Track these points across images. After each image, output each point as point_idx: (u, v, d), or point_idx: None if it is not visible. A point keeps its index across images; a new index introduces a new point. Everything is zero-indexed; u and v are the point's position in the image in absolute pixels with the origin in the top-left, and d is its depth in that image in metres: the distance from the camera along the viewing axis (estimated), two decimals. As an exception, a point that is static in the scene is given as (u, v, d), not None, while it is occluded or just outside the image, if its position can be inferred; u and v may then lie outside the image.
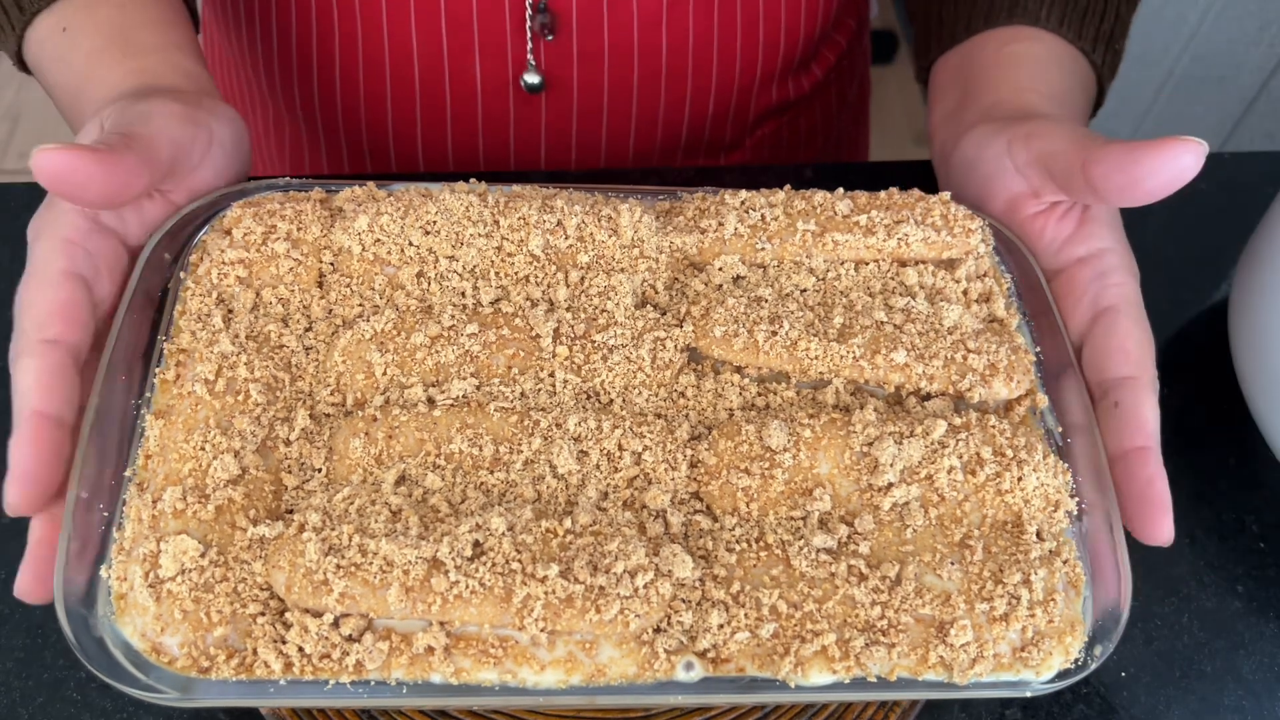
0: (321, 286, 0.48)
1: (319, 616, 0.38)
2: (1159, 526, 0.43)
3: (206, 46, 0.83)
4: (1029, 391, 0.46)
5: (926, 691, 0.39)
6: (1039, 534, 0.42)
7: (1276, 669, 0.51)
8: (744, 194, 0.51)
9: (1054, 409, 0.46)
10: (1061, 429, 0.46)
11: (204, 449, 0.41)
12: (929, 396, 0.46)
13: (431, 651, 0.38)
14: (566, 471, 0.42)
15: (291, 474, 0.43)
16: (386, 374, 0.45)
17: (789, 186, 0.51)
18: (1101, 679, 0.51)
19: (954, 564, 0.41)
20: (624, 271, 0.48)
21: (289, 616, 0.38)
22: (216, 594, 0.38)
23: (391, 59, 0.70)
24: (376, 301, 0.47)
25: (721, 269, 0.49)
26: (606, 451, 0.43)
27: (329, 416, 0.44)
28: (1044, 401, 0.46)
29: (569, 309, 0.47)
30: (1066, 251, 0.50)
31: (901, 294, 0.48)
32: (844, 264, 0.49)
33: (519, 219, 0.48)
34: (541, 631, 0.38)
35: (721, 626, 0.39)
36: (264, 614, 0.39)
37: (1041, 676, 0.39)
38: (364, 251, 0.47)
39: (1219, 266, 0.68)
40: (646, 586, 0.39)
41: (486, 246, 0.48)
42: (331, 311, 0.47)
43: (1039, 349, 0.48)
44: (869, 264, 0.49)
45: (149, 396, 0.44)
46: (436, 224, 0.47)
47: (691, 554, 0.41)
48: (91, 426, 0.42)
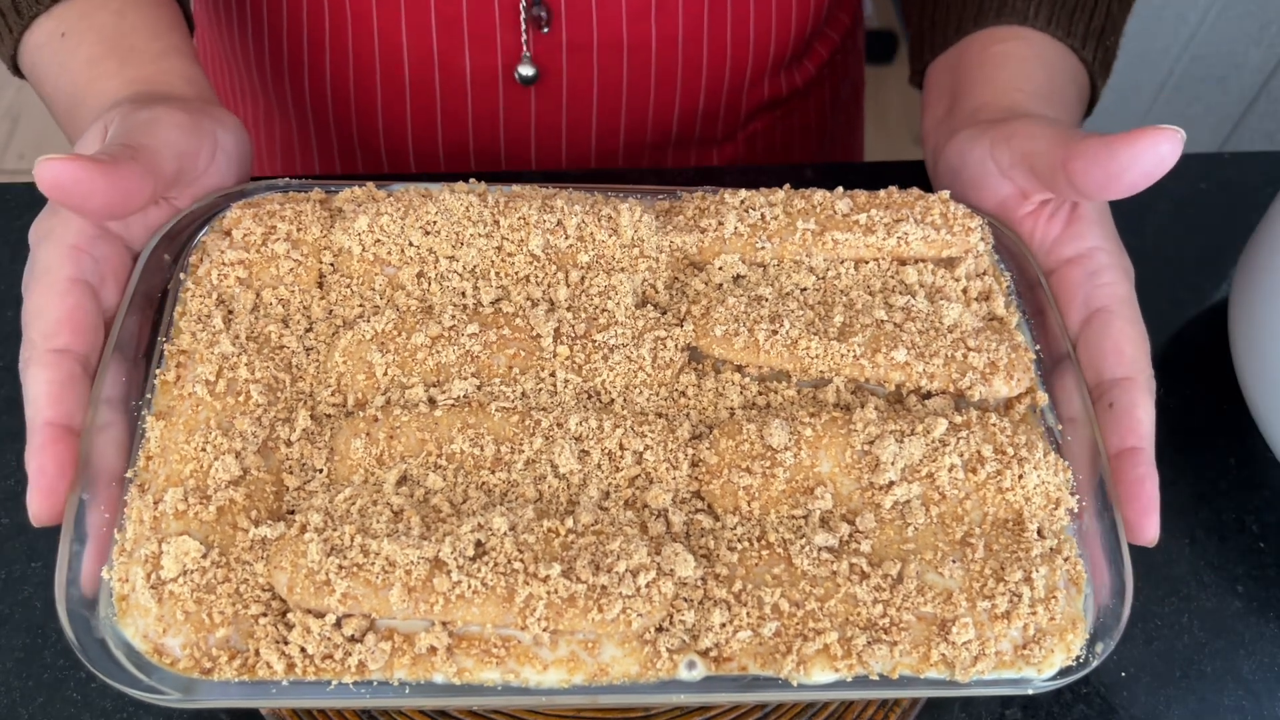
0: (322, 287, 0.48)
1: (321, 617, 0.38)
2: (1146, 527, 0.43)
3: (196, 42, 0.82)
4: (1029, 389, 0.46)
5: (928, 689, 0.39)
6: (1040, 531, 0.42)
7: (1276, 669, 0.51)
8: (744, 193, 0.51)
9: (1054, 406, 0.46)
10: (1061, 426, 0.46)
11: (205, 450, 0.41)
12: (929, 395, 0.46)
13: (434, 651, 0.38)
14: (568, 471, 0.42)
15: (293, 474, 0.43)
16: (387, 374, 0.45)
17: (789, 186, 0.51)
18: (1101, 679, 0.51)
19: (955, 562, 0.41)
20: (624, 271, 0.48)
21: (291, 617, 0.38)
22: (218, 595, 0.38)
23: (381, 52, 0.70)
24: (377, 302, 0.47)
25: (722, 268, 0.49)
26: (608, 451, 0.43)
27: (330, 417, 0.44)
28: (1044, 399, 0.46)
29: (569, 309, 0.47)
30: (1056, 252, 0.50)
31: (901, 292, 0.48)
32: (844, 263, 0.49)
33: (519, 219, 0.48)
34: (544, 631, 0.38)
35: (724, 625, 0.39)
36: (266, 615, 0.39)
37: (1043, 674, 0.39)
38: (364, 252, 0.48)
39: (1219, 266, 0.68)
40: (648, 586, 0.39)
41: (487, 246, 0.48)
42: (332, 312, 0.47)
43: (1038, 347, 0.48)
44: (869, 263, 0.49)
45: (149, 398, 0.44)
46: (436, 224, 0.47)
47: (693, 553, 0.41)
48: (93, 429, 0.42)
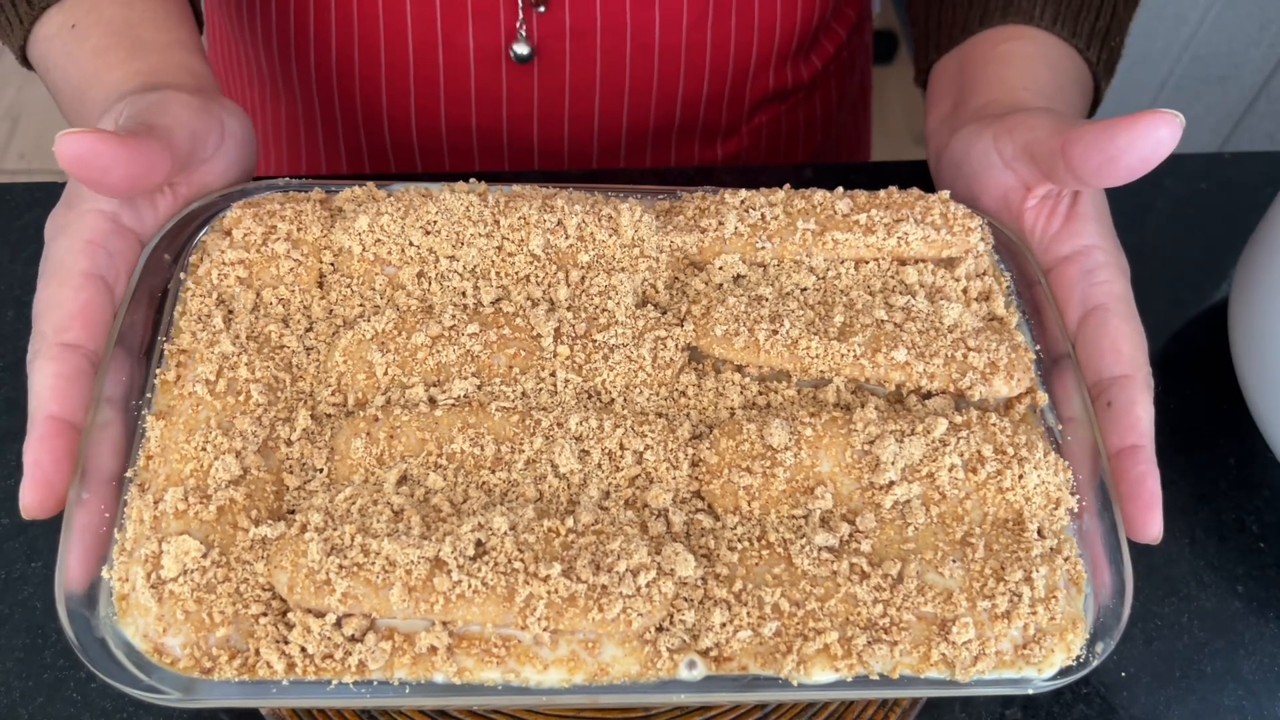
0: (322, 287, 0.48)
1: (321, 617, 0.38)
2: (1148, 524, 0.43)
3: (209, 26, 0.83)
4: (1029, 389, 0.46)
5: (929, 689, 0.39)
6: (1040, 531, 0.42)
7: (1276, 669, 0.51)
8: (744, 193, 0.51)
9: (1053, 406, 0.46)
10: (1061, 426, 0.46)
11: (205, 449, 0.41)
12: (930, 395, 0.46)
13: (434, 651, 0.38)
14: (568, 471, 0.42)
15: (293, 474, 0.43)
16: (387, 374, 0.45)
17: (789, 185, 0.51)
18: (1101, 679, 0.51)
19: (955, 562, 0.41)
20: (624, 271, 0.48)
21: (291, 617, 0.38)
22: (219, 594, 0.38)
23: (385, 29, 0.70)
24: (377, 301, 0.47)
25: (722, 268, 0.49)
26: (608, 451, 0.43)
27: (330, 417, 0.44)
28: (1044, 399, 0.46)
29: (570, 308, 0.47)
30: (1054, 249, 0.50)
31: (901, 292, 0.48)
32: (844, 263, 0.49)
33: (519, 219, 0.48)
34: (544, 631, 0.38)
35: (724, 625, 0.39)
36: (266, 614, 0.39)
37: (1043, 674, 0.39)
38: (364, 251, 0.47)
39: (1219, 266, 0.68)
40: (649, 585, 0.39)
41: (487, 246, 0.48)
42: (332, 312, 0.47)
43: (1038, 346, 0.48)
44: (869, 263, 0.49)
45: (150, 397, 0.44)
46: (437, 224, 0.47)
47: (693, 553, 0.41)
48: (93, 428, 0.42)
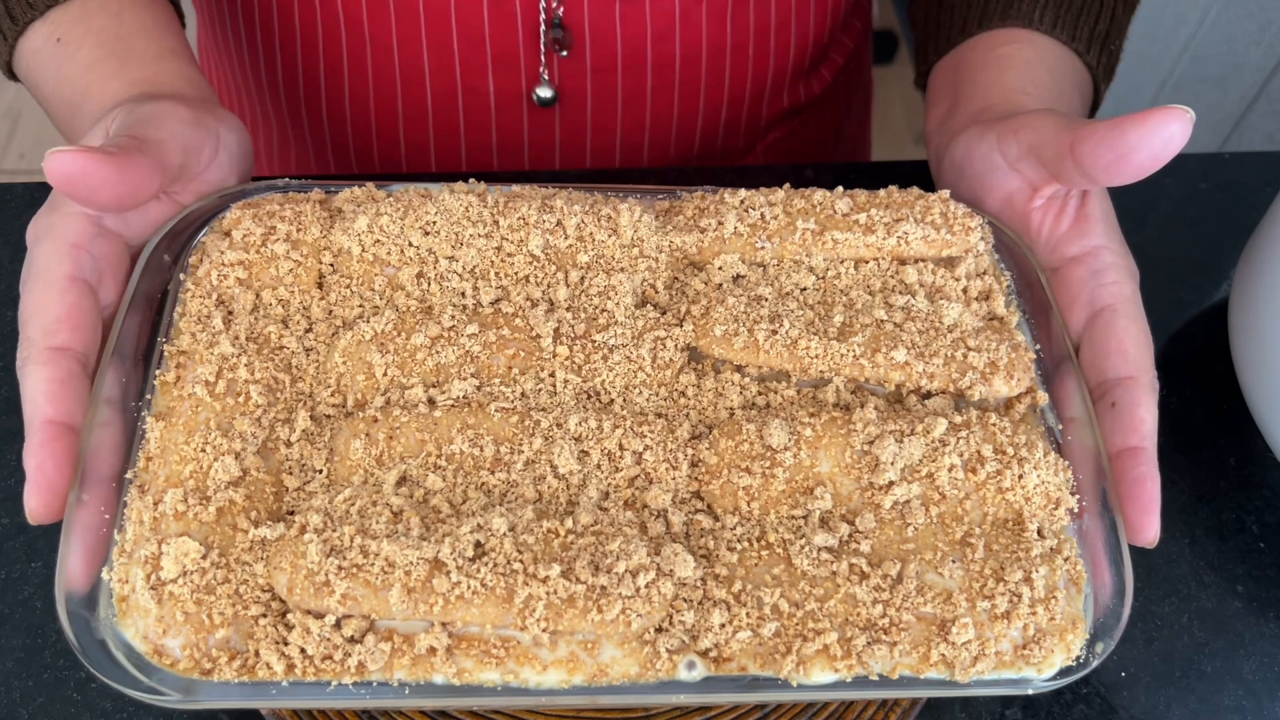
0: (321, 287, 0.48)
1: (321, 618, 0.38)
2: (1146, 527, 0.42)
3: (204, 67, 0.82)
4: (1029, 389, 0.46)
5: (928, 690, 0.39)
6: (1040, 531, 0.42)
7: (1276, 669, 0.51)
8: (743, 193, 0.51)
9: (1053, 405, 0.46)
10: (1061, 426, 0.46)
11: (205, 451, 0.41)
12: (929, 395, 0.46)
13: (433, 652, 0.38)
14: (567, 471, 0.42)
15: (292, 475, 0.43)
16: (387, 375, 0.45)
17: (788, 185, 0.51)
18: (1101, 679, 0.51)
19: (955, 562, 0.41)
20: (624, 271, 0.48)
21: (291, 618, 0.38)
22: (218, 596, 0.38)
23: (402, 75, 0.70)
24: (376, 302, 0.47)
25: (721, 268, 0.49)
26: (607, 451, 0.43)
27: (329, 418, 0.44)
28: (1044, 399, 0.46)
29: (569, 309, 0.47)
30: (1061, 250, 0.50)
31: (901, 292, 0.48)
32: (844, 262, 0.49)
33: (519, 219, 0.48)
34: (543, 631, 0.38)
35: (723, 626, 0.39)
36: (266, 615, 0.39)
37: (1043, 674, 0.39)
38: (364, 252, 0.47)
39: (1219, 266, 0.68)
40: (648, 586, 0.38)
41: (486, 247, 0.48)
42: (331, 312, 0.47)
43: (1038, 346, 0.48)
44: (869, 262, 0.49)
45: (149, 398, 0.44)
46: (436, 224, 0.47)
47: (693, 553, 0.41)
48: (92, 429, 0.42)
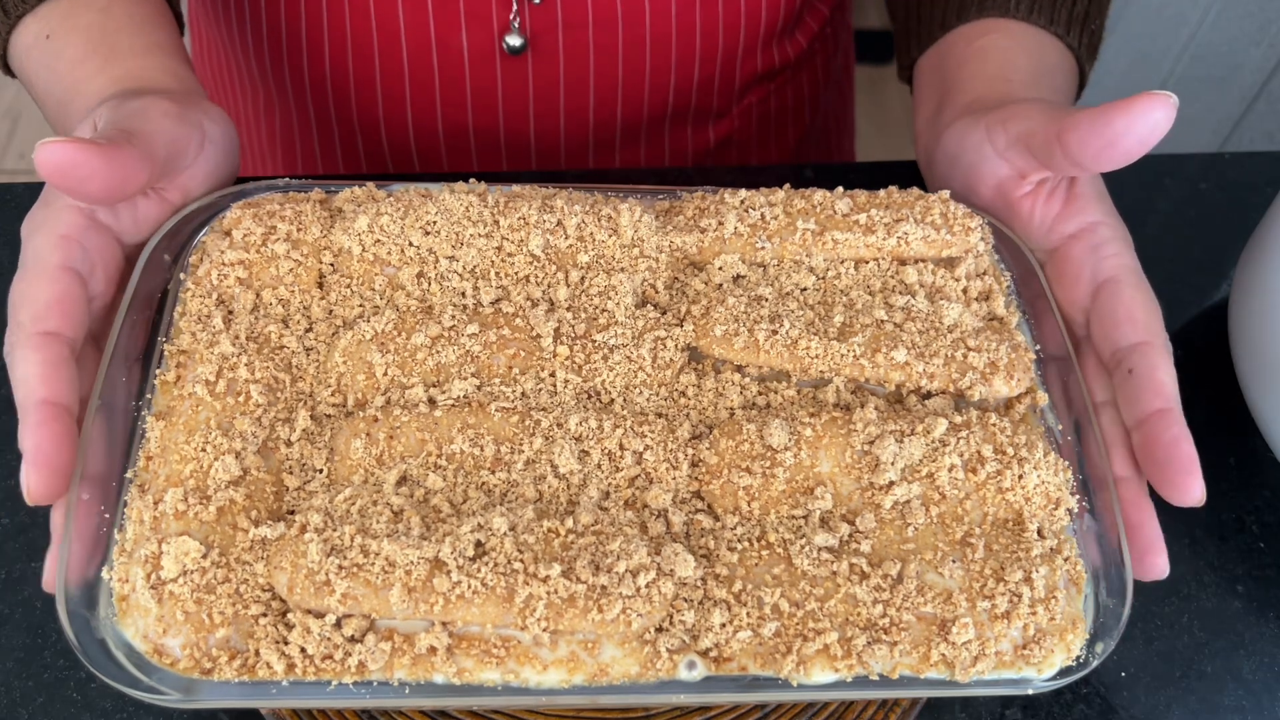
0: (322, 287, 0.48)
1: (321, 617, 0.38)
2: (1189, 488, 0.41)
3: (193, 34, 0.83)
4: (1029, 389, 0.46)
5: (928, 690, 0.39)
6: (1040, 531, 0.42)
7: (1276, 669, 0.51)
8: (744, 193, 0.51)
9: (1053, 405, 0.46)
10: (1061, 427, 0.46)
11: (205, 450, 0.41)
12: (929, 395, 0.46)
13: (434, 652, 0.38)
14: (568, 471, 0.42)
15: (293, 475, 0.43)
16: (387, 374, 0.45)
17: (788, 185, 0.51)
18: (1101, 679, 0.51)
19: (955, 562, 0.41)
20: (624, 271, 0.48)
21: (291, 617, 0.38)
22: (218, 595, 0.38)
23: (379, 33, 0.70)
24: (377, 302, 0.47)
25: (721, 268, 0.49)
26: (608, 451, 0.43)
27: (330, 417, 0.44)
28: (1044, 399, 0.46)
29: (569, 309, 0.47)
30: (1058, 229, 0.50)
31: (901, 292, 0.48)
32: (844, 263, 0.49)
33: (519, 219, 0.48)
34: (544, 631, 0.38)
35: (724, 625, 0.39)
36: (266, 615, 0.39)
37: (1043, 674, 0.39)
38: (364, 252, 0.47)
39: (1219, 266, 0.68)
40: (648, 586, 0.39)
41: (486, 246, 0.48)
42: (332, 312, 0.47)
43: (1038, 346, 0.48)
44: (869, 262, 0.49)
45: (149, 398, 0.44)
46: (436, 224, 0.47)
47: (693, 553, 0.41)
48: (92, 428, 0.42)
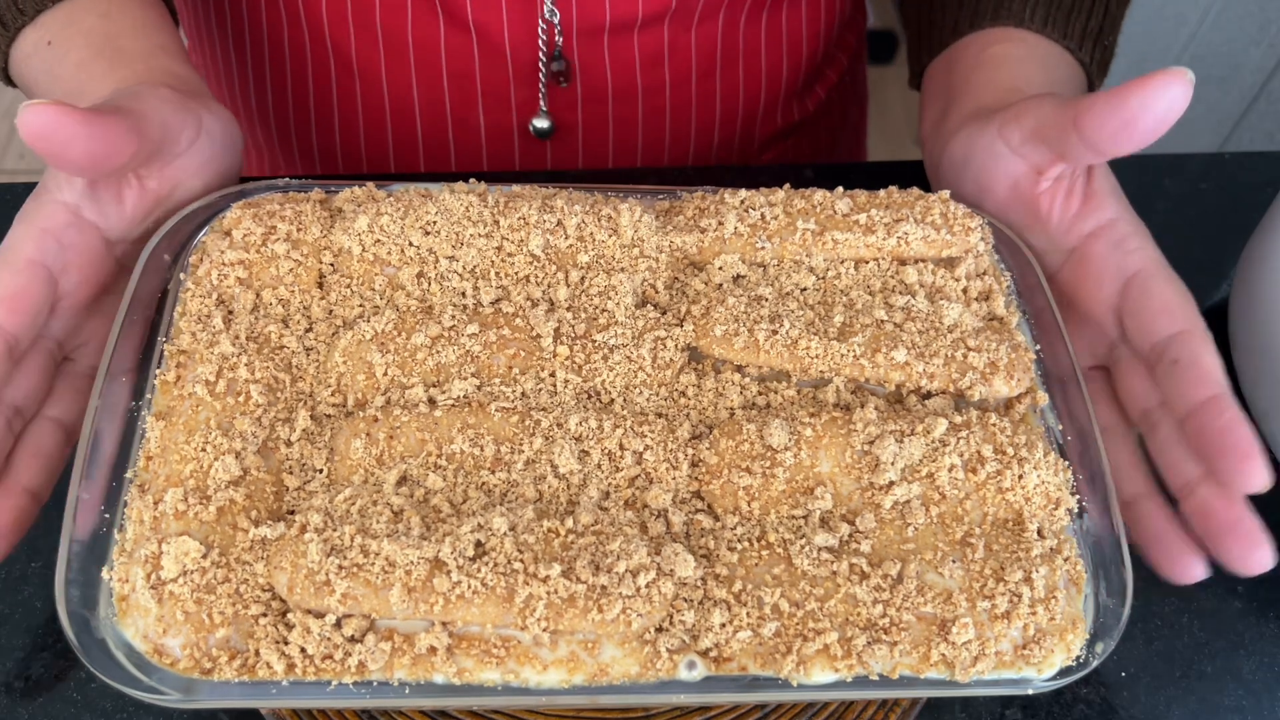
0: (322, 287, 0.48)
1: (321, 617, 0.38)
2: (1251, 472, 0.40)
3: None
4: (1029, 389, 0.46)
5: (928, 690, 0.39)
6: (1040, 532, 0.42)
7: (1276, 669, 0.51)
8: (744, 193, 0.51)
9: (1058, 412, 0.46)
10: (1061, 427, 0.46)
11: (205, 450, 0.41)
12: (929, 395, 0.46)
13: (434, 652, 0.38)
14: (568, 471, 0.42)
15: (293, 475, 0.43)
16: (387, 374, 0.45)
17: (789, 185, 0.51)
18: (1102, 679, 0.51)
19: (955, 562, 0.41)
20: (624, 271, 0.48)
21: (291, 617, 0.38)
22: (218, 595, 0.38)
23: (392, 109, 0.70)
24: (377, 302, 0.47)
25: (721, 268, 0.49)
26: (608, 451, 0.43)
27: (330, 417, 0.44)
28: (1044, 399, 0.46)
29: (569, 309, 0.47)
30: (1077, 228, 0.50)
31: (901, 292, 0.48)
32: (844, 263, 0.49)
33: (519, 219, 0.48)
34: (544, 631, 0.38)
35: (723, 625, 0.39)
36: (266, 615, 0.39)
37: (1043, 674, 0.39)
38: (364, 252, 0.47)
39: (1219, 266, 0.68)
40: (648, 586, 0.39)
41: (486, 246, 0.48)
42: (332, 312, 0.47)
43: (1039, 347, 0.48)
44: (869, 263, 0.49)
45: (149, 398, 0.44)
46: (436, 224, 0.47)
47: (693, 553, 0.41)
48: (93, 428, 0.42)
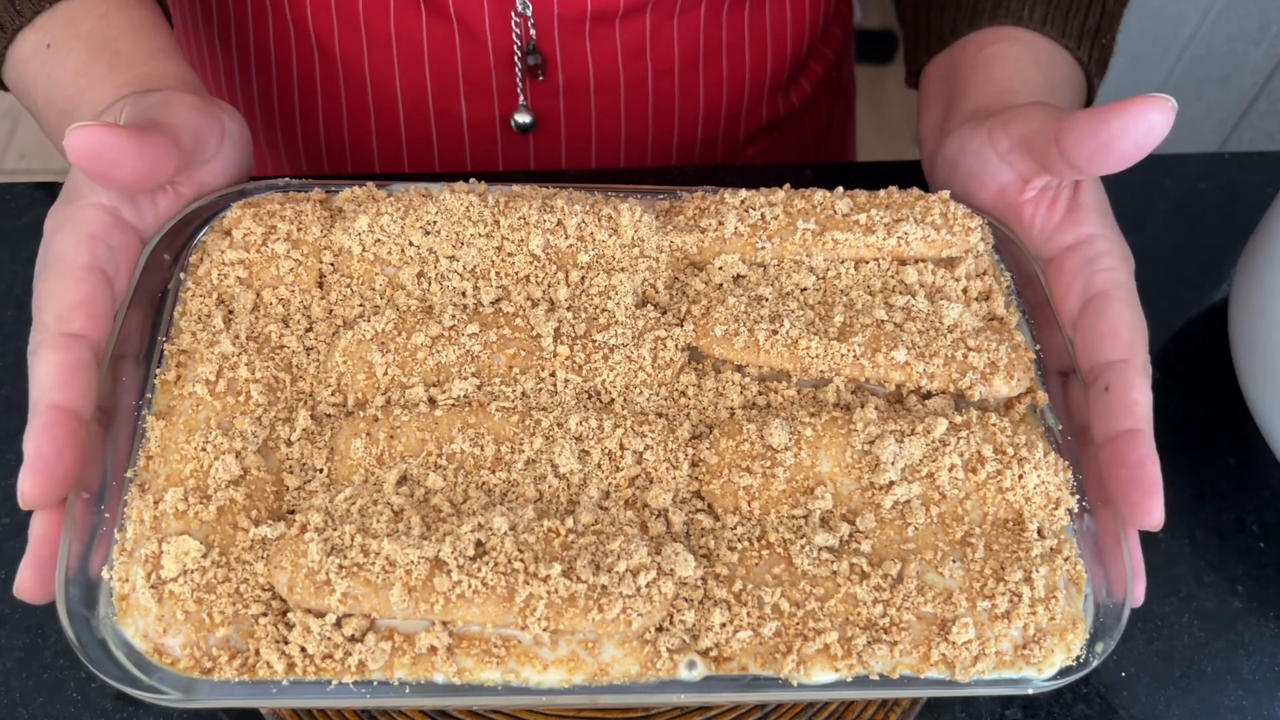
0: (322, 287, 0.48)
1: (321, 617, 0.38)
2: (1150, 510, 0.41)
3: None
4: (1029, 389, 0.46)
5: (928, 689, 0.39)
6: (1040, 531, 0.42)
7: (1276, 669, 0.51)
8: (744, 193, 0.51)
9: (1054, 407, 0.46)
10: (1061, 427, 0.46)
11: (205, 450, 0.41)
12: (930, 395, 0.46)
13: (434, 651, 0.38)
14: (568, 471, 0.42)
15: (293, 474, 0.43)
16: (387, 374, 0.45)
17: (789, 186, 0.51)
18: (1101, 679, 0.51)
19: (955, 562, 0.41)
20: (624, 271, 0.48)
21: (291, 617, 0.38)
22: (219, 595, 0.38)
23: (375, 101, 0.70)
24: (377, 302, 0.47)
25: (722, 268, 0.49)
26: (608, 451, 0.43)
27: (330, 417, 0.44)
28: (1044, 399, 0.46)
29: (569, 308, 0.47)
30: (1056, 239, 0.50)
31: (901, 292, 0.48)
32: (844, 263, 0.49)
33: (519, 219, 0.48)
34: (544, 631, 0.38)
35: (724, 625, 0.39)
36: (266, 614, 0.39)
37: (1043, 674, 0.39)
38: (364, 252, 0.47)
39: (1219, 266, 0.68)
40: (649, 585, 0.39)
41: (487, 246, 0.48)
42: (332, 312, 0.47)
43: (1039, 346, 0.48)
44: (869, 262, 0.49)
45: (150, 397, 0.44)
46: (437, 224, 0.47)
47: (693, 553, 0.41)
48: (93, 427, 0.42)
